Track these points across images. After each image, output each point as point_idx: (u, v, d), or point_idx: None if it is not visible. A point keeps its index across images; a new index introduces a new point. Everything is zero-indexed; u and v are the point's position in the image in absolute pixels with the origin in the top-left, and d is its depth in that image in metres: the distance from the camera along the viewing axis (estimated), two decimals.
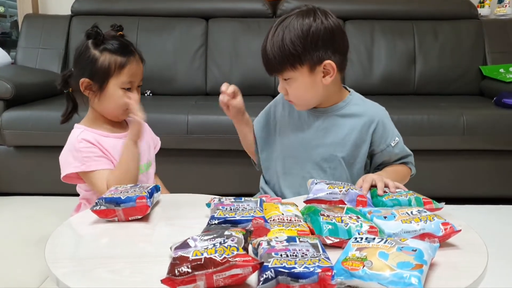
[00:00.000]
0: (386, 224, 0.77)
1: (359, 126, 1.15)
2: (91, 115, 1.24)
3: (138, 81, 1.22)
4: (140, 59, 1.21)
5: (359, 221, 0.77)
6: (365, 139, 1.16)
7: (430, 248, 0.66)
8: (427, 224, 0.74)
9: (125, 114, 1.22)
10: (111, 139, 1.21)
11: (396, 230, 0.75)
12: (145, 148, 1.28)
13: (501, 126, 2.11)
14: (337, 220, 0.76)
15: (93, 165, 1.15)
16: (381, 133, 1.16)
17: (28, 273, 1.51)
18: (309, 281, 0.58)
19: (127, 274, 0.67)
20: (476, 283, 0.66)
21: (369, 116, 1.16)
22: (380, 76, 2.67)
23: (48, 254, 0.73)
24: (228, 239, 0.65)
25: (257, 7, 2.81)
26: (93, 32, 1.16)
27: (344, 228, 0.75)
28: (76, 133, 1.19)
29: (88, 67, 1.16)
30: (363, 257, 0.63)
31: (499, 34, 2.75)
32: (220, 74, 2.71)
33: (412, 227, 0.74)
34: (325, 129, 1.17)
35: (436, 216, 0.77)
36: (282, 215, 0.83)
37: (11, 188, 2.25)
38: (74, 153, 1.16)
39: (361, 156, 1.17)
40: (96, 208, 0.86)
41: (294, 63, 1.06)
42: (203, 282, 0.60)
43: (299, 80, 1.09)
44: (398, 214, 0.78)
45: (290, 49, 1.05)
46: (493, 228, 1.92)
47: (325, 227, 0.75)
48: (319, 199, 0.91)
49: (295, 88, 1.11)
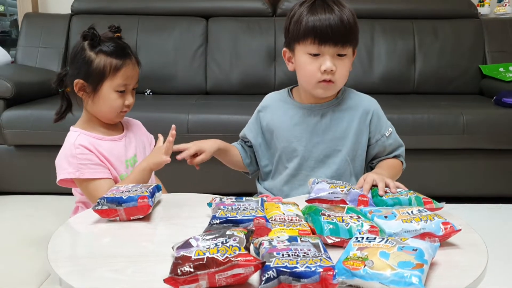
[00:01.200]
0: (386, 224, 0.77)
1: (356, 118, 1.16)
2: (86, 118, 1.23)
3: (133, 84, 1.21)
4: (136, 62, 1.20)
5: (360, 220, 0.77)
6: (364, 130, 1.17)
7: (430, 247, 0.66)
8: (428, 224, 0.75)
9: (119, 116, 1.21)
10: (107, 142, 1.21)
11: (397, 229, 0.75)
12: (139, 150, 1.28)
13: (501, 125, 2.12)
14: (338, 219, 0.77)
15: (88, 173, 1.14)
16: (376, 123, 1.18)
17: (28, 273, 1.51)
18: (310, 281, 0.58)
19: (130, 274, 0.68)
20: (476, 283, 0.67)
21: (364, 107, 1.18)
22: (380, 75, 2.68)
23: (50, 253, 0.74)
24: (230, 239, 0.65)
25: (257, 6, 2.81)
26: (90, 33, 1.16)
27: (345, 227, 0.75)
28: (73, 137, 1.18)
29: (83, 69, 1.16)
30: (364, 256, 0.63)
31: (499, 33, 2.75)
32: (220, 73, 2.71)
33: (413, 226, 0.75)
34: (325, 125, 1.17)
35: (437, 216, 0.77)
36: (283, 214, 0.83)
37: (11, 187, 2.25)
38: (69, 158, 1.15)
39: (362, 148, 1.18)
40: (98, 208, 0.86)
41: (355, 37, 1.10)
42: (205, 281, 0.60)
43: (348, 58, 1.11)
44: (398, 214, 0.79)
45: (356, 22, 1.08)
46: (493, 227, 1.92)
47: (326, 227, 0.75)
48: (321, 198, 0.91)
49: (345, 65, 1.10)
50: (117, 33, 1.21)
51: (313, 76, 1.09)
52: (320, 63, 1.08)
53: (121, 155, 1.22)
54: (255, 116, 1.27)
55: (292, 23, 1.11)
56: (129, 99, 1.20)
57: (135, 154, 1.26)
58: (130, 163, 1.24)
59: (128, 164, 1.23)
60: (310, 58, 1.09)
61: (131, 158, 1.25)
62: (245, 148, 1.31)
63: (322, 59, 1.07)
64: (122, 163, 1.22)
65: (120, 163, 1.22)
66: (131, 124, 1.32)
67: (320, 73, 1.08)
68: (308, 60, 1.09)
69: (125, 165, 1.23)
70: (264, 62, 2.70)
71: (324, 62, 1.07)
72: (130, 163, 1.24)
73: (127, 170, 1.22)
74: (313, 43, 1.07)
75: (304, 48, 1.09)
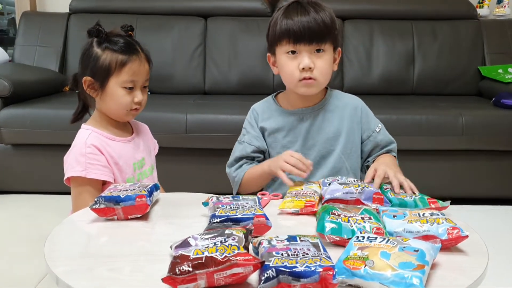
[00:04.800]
0: (391, 222, 0.77)
1: (346, 116, 1.19)
2: (97, 116, 1.21)
3: (143, 81, 1.18)
4: (146, 59, 1.18)
5: (366, 221, 0.76)
6: (355, 127, 1.19)
7: (432, 248, 0.66)
8: (433, 227, 0.73)
9: (129, 114, 1.19)
10: (117, 143, 1.19)
11: (398, 229, 0.75)
12: (146, 153, 1.27)
13: (500, 126, 2.12)
14: (344, 219, 0.76)
15: (94, 173, 1.12)
16: (365, 119, 1.21)
17: (26, 272, 1.51)
18: (310, 280, 0.58)
19: (127, 273, 0.67)
20: (477, 283, 0.66)
21: (352, 105, 1.21)
22: (379, 76, 2.67)
23: (48, 252, 0.73)
24: (229, 238, 0.64)
25: (256, 6, 2.80)
26: (94, 29, 1.14)
27: (349, 227, 0.74)
28: (85, 135, 1.16)
29: (90, 65, 1.15)
30: (365, 256, 0.63)
31: (498, 35, 2.75)
32: (219, 73, 2.71)
33: (415, 227, 0.74)
34: (317, 128, 1.18)
35: (446, 220, 0.75)
36: (302, 190, 0.94)
37: (9, 186, 2.24)
38: (78, 156, 1.13)
39: (356, 144, 1.19)
40: (96, 207, 0.85)
41: (332, 35, 1.10)
42: (204, 281, 0.59)
43: (328, 54, 1.11)
44: (409, 215, 0.78)
45: (333, 21, 1.10)
46: (491, 229, 1.92)
47: (328, 226, 0.75)
48: (336, 198, 0.90)
49: (324, 61, 1.11)
50: (129, 32, 1.19)
51: (293, 75, 1.11)
52: (298, 61, 1.10)
53: (129, 158, 1.20)
54: (248, 126, 1.24)
55: (270, 28, 1.15)
56: (138, 96, 1.17)
57: (143, 158, 1.25)
58: (138, 166, 1.22)
59: (135, 166, 1.21)
60: (289, 58, 1.11)
61: (139, 161, 1.23)
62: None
63: (300, 57, 1.10)
64: (130, 166, 1.20)
65: (128, 166, 1.19)
66: (139, 127, 1.31)
67: (299, 71, 1.10)
68: (287, 60, 1.12)
69: (132, 168, 1.21)
70: (263, 62, 2.69)
71: (302, 60, 1.09)
72: (137, 166, 1.22)
73: (134, 173, 1.21)
74: (289, 42, 1.10)
75: (282, 49, 1.12)
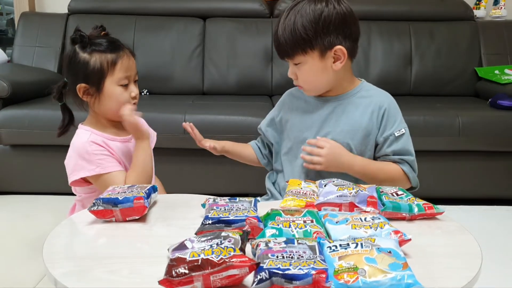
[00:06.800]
0: (335, 229, 0.75)
1: (368, 112, 1.15)
2: (94, 119, 1.22)
3: (134, 75, 1.20)
4: (130, 53, 1.20)
5: (307, 226, 0.75)
6: (374, 126, 1.15)
7: (395, 244, 0.66)
8: (377, 232, 0.73)
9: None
10: (117, 143, 1.20)
11: (344, 236, 0.73)
12: None
13: (496, 127, 2.13)
14: (285, 225, 0.75)
15: (109, 166, 1.14)
16: (387, 119, 1.15)
17: (24, 273, 1.51)
18: (303, 283, 0.58)
19: (125, 275, 0.68)
20: (470, 284, 0.67)
21: (378, 103, 1.16)
22: (376, 76, 2.68)
23: (46, 254, 0.74)
24: (225, 240, 0.65)
25: (255, 7, 2.81)
26: (77, 36, 1.15)
27: (290, 233, 0.73)
28: (85, 136, 1.17)
29: (81, 72, 1.15)
30: (352, 266, 0.61)
31: (495, 36, 2.76)
32: (217, 74, 2.71)
33: (360, 233, 0.73)
34: (336, 116, 1.17)
35: (388, 224, 0.75)
36: (301, 189, 0.94)
37: (7, 187, 2.25)
38: (86, 156, 1.14)
39: (371, 143, 1.16)
40: (94, 209, 0.86)
41: (305, 47, 1.08)
42: (200, 283, 0.60)
43: (309, 64, 1.10)
44: (351, 219, 0.77)
45: (302, 33, 1.06)
46: (487, 229, 1.93)
47: (269, 233, 0.73)
48: (329, 202, 0.89)
49: (305, 73, 1.11)
50: (103, 32, 1.20)
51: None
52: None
53: (131, 156, 1.21)
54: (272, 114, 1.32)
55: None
56: (134, 91, 1.19)
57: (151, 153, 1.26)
58: None
59: None
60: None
61: None
62: (261, 150, 1.34)
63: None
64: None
65: (130, 164, 1.21)
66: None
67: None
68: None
69: None
70: (261, 63, 2.71)
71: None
72: None
73: None
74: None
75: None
